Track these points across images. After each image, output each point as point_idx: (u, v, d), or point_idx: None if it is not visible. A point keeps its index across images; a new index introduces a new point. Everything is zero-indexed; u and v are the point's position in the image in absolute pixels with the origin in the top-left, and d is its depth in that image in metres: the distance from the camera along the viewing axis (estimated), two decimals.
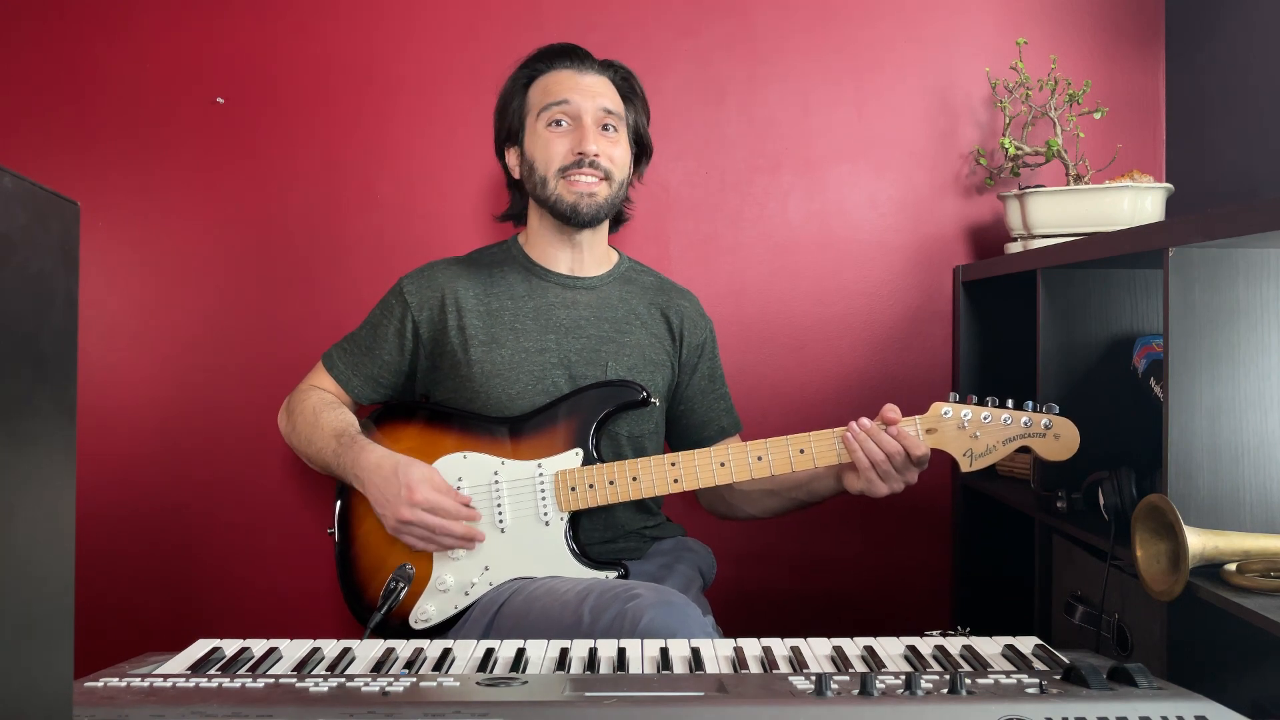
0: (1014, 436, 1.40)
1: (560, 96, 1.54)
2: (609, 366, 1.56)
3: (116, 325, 1.93)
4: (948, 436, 1.42)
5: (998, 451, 1.41)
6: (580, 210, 1.54)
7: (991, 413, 1.41)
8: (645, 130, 1.65)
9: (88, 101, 1.92)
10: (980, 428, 1.41)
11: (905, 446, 1.39)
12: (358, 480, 1.47)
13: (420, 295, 1.58)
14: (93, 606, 1.87)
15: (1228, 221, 1.08)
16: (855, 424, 1.41)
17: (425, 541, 1.44)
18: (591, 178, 1.53)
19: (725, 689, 0.95)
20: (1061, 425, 1.39)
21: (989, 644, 1.14)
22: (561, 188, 1.54)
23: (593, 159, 1.52)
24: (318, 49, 1.94)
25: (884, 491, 1.42)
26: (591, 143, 1.52)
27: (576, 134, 1.53)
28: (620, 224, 1.71)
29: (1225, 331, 1.19)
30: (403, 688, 0.95)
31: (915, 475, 1.42)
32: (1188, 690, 0.95)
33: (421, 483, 1.42)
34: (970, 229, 1.99)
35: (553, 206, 1.55)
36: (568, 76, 1.56)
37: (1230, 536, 1.15)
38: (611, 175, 1.55)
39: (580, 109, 1.54)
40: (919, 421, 1.42)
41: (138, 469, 1.92)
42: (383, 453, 1.47)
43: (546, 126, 1.55)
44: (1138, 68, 1.97)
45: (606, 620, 1.23)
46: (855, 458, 1.41)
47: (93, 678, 1.00)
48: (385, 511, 1.44)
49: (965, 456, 1.42)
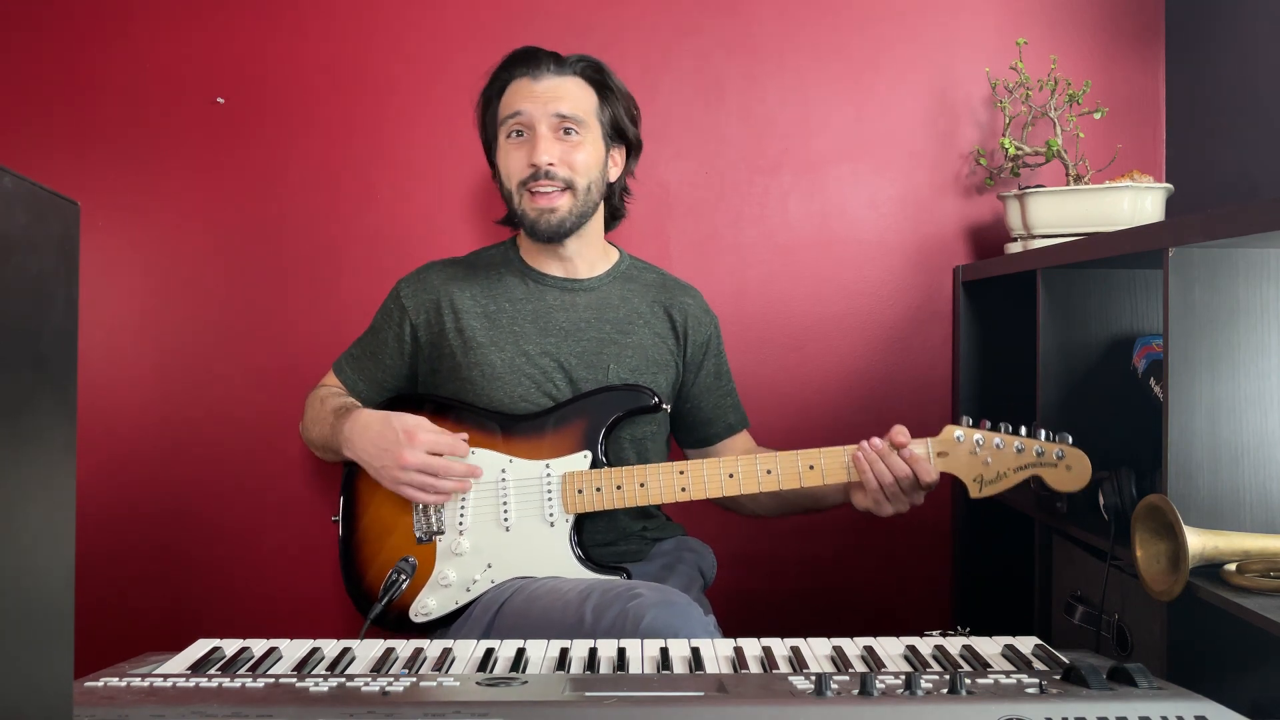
0: (1026, 465, 1.38)
1: (515, 108, 1.53)
2: (611, 369, 1.56)
3: (117, 325, 1.93)
4: (959, 461, 1.40)
5: (1008, 479, 1.39)
6: (539, 227, 1.53)
7: (1005, 439, 1.39)
8: (626, 121, 1.60)
9: (88, 101, 1.93)
10: (992, 454, 1.39)
11: (916, 471, 1.38)
12: (349, 444, 1.48)
13: (416, 299, 1.59)
14: (93, 606, 1.87)
15: (1228, 221, 1.09)
16: (866, 444, 1.40)
17: (424, 489, 1.44)
18: (550, 188, 1.51)
19: (725, 689, 0.95)
20: (1074, 457, 1.36)
21: (989, 644, 1.15)
22: (525, 202, 1.53)
23: (547, 169, 1.50)
24: (317, 49, 1.94)
25: (889, 512, 1.42)
26: (543, 153, 1.50)
27: (531, 144, 1.52)
28: (617, 220, 1.70)
29: (1225, 331, 1.19)
30: (403, 687, 0.96)
31: (921, 498, 1.42)
32: (1188, 690, 0.95)
33: (418, 426, 1.44)
34: (970, 229, 1.99)
35: (520, 221, 1.56)
36: (523, 85, 1.54)
37: (1230, 536, 1.16)
38: (573, 183, 1.52)
39: (533, 117, 1.52)
40: (931, 444, 1.41)
41: (138, 469, 1.93)
42: (372, 412, 1.49)
43: (507, 139, 1.55)
44: (1137, 68, 1.98)
45: (608, 620, 1.24)
46: (864, 479, 1.40)
47: (93, 677, 1.00)
48: (385, 462, 1.44)
49: (975, 482, 1.40)
